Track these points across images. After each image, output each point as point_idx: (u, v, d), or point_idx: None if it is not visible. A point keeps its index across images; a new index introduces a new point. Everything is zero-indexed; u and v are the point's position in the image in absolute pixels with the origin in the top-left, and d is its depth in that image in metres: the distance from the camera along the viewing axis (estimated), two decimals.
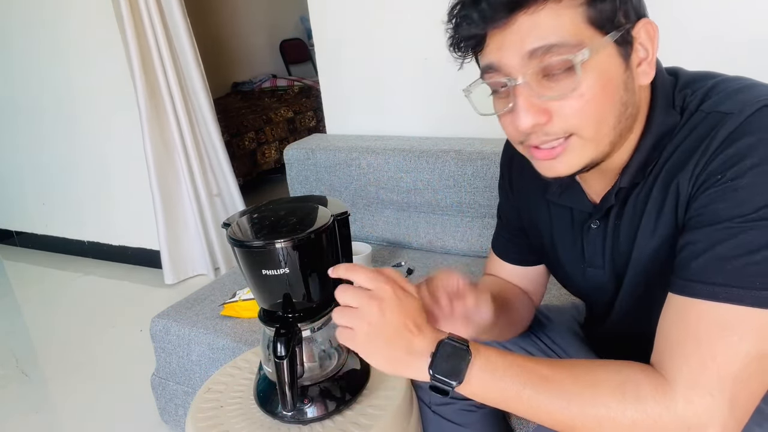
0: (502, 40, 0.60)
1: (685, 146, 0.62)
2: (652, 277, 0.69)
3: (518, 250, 0.93)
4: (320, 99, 2.04)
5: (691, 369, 0.56)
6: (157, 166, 2.43)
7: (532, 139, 0.64)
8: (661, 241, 0.66)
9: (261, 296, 0.86)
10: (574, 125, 0.61)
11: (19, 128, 2.97)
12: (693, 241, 0.59)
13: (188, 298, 1.60)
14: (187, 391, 1.53)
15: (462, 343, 0.62)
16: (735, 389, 0.55)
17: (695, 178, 0.60)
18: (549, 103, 0.60)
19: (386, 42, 1.81)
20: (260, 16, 4.88)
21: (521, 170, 0.86)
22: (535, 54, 0.58)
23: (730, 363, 0.54)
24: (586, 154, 0.63)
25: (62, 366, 2.11)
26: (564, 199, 0.78)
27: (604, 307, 0.81)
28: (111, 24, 2.35)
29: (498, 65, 0.61)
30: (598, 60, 0.59)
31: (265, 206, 0.92)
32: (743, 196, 0.55)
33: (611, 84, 0.60)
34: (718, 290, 0.56)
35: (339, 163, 1.78)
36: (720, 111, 0.60)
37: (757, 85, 0.62)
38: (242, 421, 0.89)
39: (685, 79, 0.67)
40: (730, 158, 0.57)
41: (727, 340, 0.55)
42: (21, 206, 3.22)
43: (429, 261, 1.65)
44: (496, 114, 0.66)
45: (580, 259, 0.80)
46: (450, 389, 0.62)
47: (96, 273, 2.88)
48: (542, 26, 0.58)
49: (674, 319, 0.59)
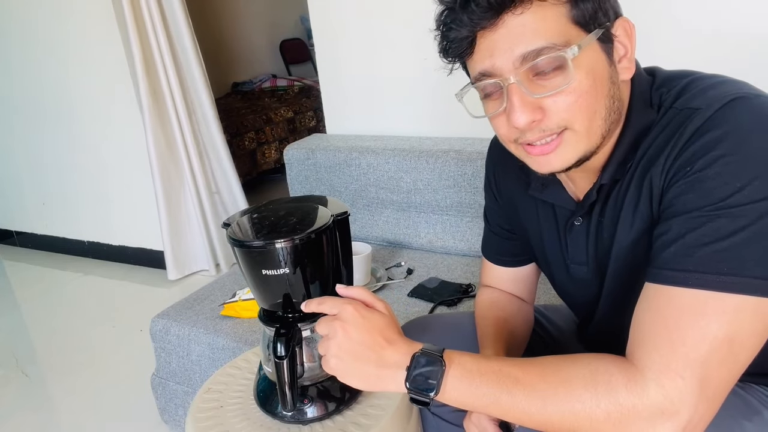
0: (492, 44, 0.62)
1: (658, 142, 0.64)
2: (632, 271, 0.70)
3: (508, 252, 0.95)
4: (320, 99, 2.04)
5: (661, 355, 0.56)
6: (160, 164, 2.44)
7: (528, 136, 0.65)
8: (639, 234, 0.67)
9: (261, 296, 0.86)
10: (568, 119, 0.63)
11: (19, 128, 2.97)
12: (665, 232, 0.60)
13: (188, 298, 1.60)
14: (187, 391, 1.53)
15: (436, 353, 0.64)
16: (705, 372, 0.55)
17: (666, 172, 0.62)
18: (543, 101, 0.62)
19: (386, 42, 1.81)
20: (260, 16, 4.88)
21: (505, 171, 0.88)
22: (527, 58, 0.61)
23: (699, 346, 0.55)
24: (579, 147, 0.65)
25: (62, 366, 2.11)
26: (546, 195, 0.80)
27: (590, 305, 0.82)
28: (111, 24, 2.35)
29: (490, 71, 0.63)
30: (586, 56, 0.61)
31: (265, 206, 0.92)
32: (711, 186, 0.57)
33: (600, 78, 0.63)
34: (688, 276, 0.57)
35: (339, 163, 1.78)
36: (691, 107, 0.62)
37: (727, 81, 0.63)
38: (242, 421, 0.89)
39: (662, 77, 0.69)
40: (698, 151, 0.58)
41: (696, 324, 0.56)
42: (21, 206, 3.22)
43: (429, 261, 1.65)
44: (487, 116, 0.68)
45: (563, 256, 0.81)
46: (428, 401, 0.63)
47: (96, 273, 2.89)
48: (529, 27, 0.60)
49: (646, 307, 0.60)
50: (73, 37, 2.56)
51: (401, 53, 1.79)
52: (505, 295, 0.96)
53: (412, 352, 0.65)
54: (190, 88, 2.45)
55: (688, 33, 1.40)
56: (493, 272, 0.98)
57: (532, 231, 0.86)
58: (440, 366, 0.63)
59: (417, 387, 0.63)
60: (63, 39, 2.59)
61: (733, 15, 1.35)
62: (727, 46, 1.37)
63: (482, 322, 0.92)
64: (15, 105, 2.93)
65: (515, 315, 0.93)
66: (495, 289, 0.98)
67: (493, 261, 0.97)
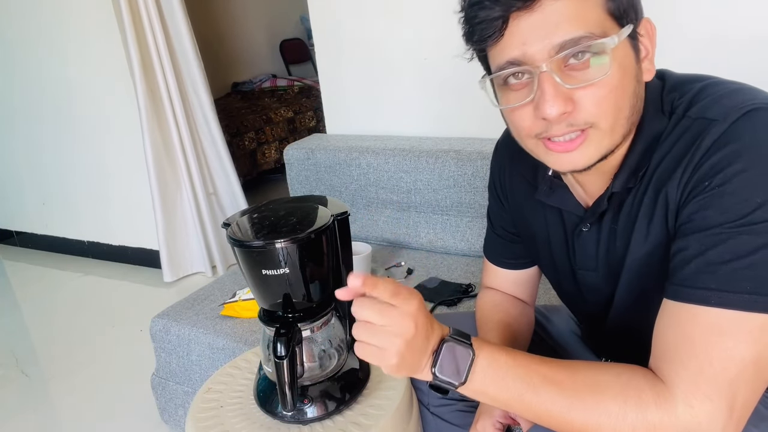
0: (526, 29, 0.58)
1: (673, 153, 0.62)
2: (646, 280, 0.69)
3: (512, 255, 0.94)
4: (320, 99, 2.04)
5: (689, 374, 0.56)
6: (157, 165, 2.43)
7: (554, 129, 0.61)
8: (653, 247, 0.67)
9: (261, 296, 0.86)
10: (596, 114, 0.60)
11: (19, 128, 2.97)
12: (684, 248, 0.59)
13: (188, 298, 1.60)
14: (187, 391, 1.53)
15: (465, 340, 0.62)
16: (733, 393, 0.55)
17: (683, 186, 0.60)
18: (575, 92, 0.59)
19: (386, 42, 1.81)
20: (260, 16, 4.87)
21: (512, 175, 0.86)
22: (564, 46, 0.57)
23: (727, 368, 0.55)
24: (603, 144, 0.62)
25: (62, 366, 2.11)
26: (554, 200, 0.78)
27: (600, 307, 0.81)
28: (111, 24, 2.35)
29: (521, 59, 0.59)
30: (619, 50, 0.59)
31: (265, 206, 0.92)
32: (730, 202, 0.56)
33: (629, 74, 0.61)
34: (710, 295, 0.56)
35: (339, 163, 1.78)
36: (706, 117, 0.60)
37: (742, 89, 0.62)
38: (242, 421, 0.89)
39: (672, 82, 0.67)
40: (716, 165, 0.57)
41: (722, 345, 0.55)
42: (21, 206, 3.22)
43: (429, 261, 1.65)
44: (508, 107, 0.64)
45: (571, 261, 0.80)
46: (452, 389, 0.62)
47: (96, 273, 2.88)
48: (568, 14, 0.57)
49: (669, 323, 0.60)
50: (73, 37, 2.56)
51: (401, 53, 1.79)
52: (508, 298, 0.96)
53: (440, 337, 0.62)
54: (189, 88, 2.45)
55: (687, 32, 1.40)
56: (495, 274, 0.97)
57: (539, 236, 0.84)
58: (470, 354, 0.61)
59: (444, 375, 0.61)
60: (63, 39, 2.59)
61: (732, 16, 1.35)
62: (728, 46, 1.37)
63: (484, 326, 0.91)
64: (15, 105, 2.93)
65: (517, 318, 0.92)
66: (497, 291, 0.97)
67: (496, 263, 0.96)
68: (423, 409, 0.96)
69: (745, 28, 1.34)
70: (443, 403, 0.94)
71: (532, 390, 0.60)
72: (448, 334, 0.62)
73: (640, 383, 0.58)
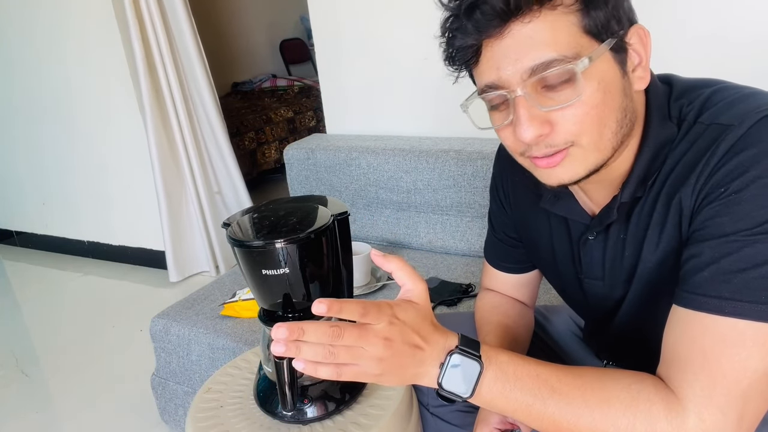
0: (498, 55, 0.59)
1: (686, 160, 0.61)
2: (657, 288, 0.69)
3: (513, 259, 0.93)
4: (320, 99, 2.04)
5: (702, 386, 0.55)
6: (162, 165, 2.43)
7: (534, 150, 0.62)
8: (665, 255, 0.66)
9: (261, 296, 0.86)
10: (576, 133, 0.60)
11: (19, 128, 2.98)
12: (698, 254, 0.58)
13: (188, 298, 1.60)
14: (187, 391, 1.53)
15: (473, 352, 0.60)
16: (744, 407, 0.54)
17: (698, 192, 0.59)
18: (551, 114, 0.59)
19: (386, 42, 1.81)
20: (260, 16, 4.88)
21: (515, 182, 0.86)
22: (536, 70, 0.58)
23: (740, 380, 0.54)
24: (589, 160, 0.62)
25: (62, 366, 2.11)
26: (558, 208, 0.77)
27: (605, 313, 0.80)
28: (111, 24, 2.35)
29: (497, 83, 0.60)
30: (597, 68, 0.58)
31: (265, 206, 0.92)
32: (747, 210, 0.55)
33: (611, 90, 0.60)
34: (724, 304, 0.55)
35: (339, 163, 1.78)
36: (720, 123, 0.59)
37: (755, 93, 0.61)
38: (242, 421, 0.89)
39: (680, 88, 0.66)
40: (732, 171, 0.56)
41: (735, 356, 0.54)
42: (21, 206, 3.22)
43: (429, 261, 1.65)
44: (494, 128, 0.65)
45: (576, 270, 0.79)
46: (459, 401, 0.61)
47: (96, 273, 2.89)
48: (538, 38, 0.57)
49: (680, 332, 0.59)
50: (73, 37, 2.56)
51: (401, 53, 1.79)
52: (507, 300, 0.95)
53: (448, 349, 0.60)
54: (191, 87, 2.45)
55: (688, 33, 1.40)
56: (495, 277, 0.96)
57: (543, 243, 0.83)
58: (478, 366, 0.59)
59: (450, 388, 0.59)
60: (63, 39, 2.59)
61: (732, 16, 1.35)
62: (728, 46, 1.37)
63: (483, 328, 0.90)
64: (15, 105, 2.93)
65: (518, 320, 0.92)
66: (496, 293, 0.96)
67: (497, 267, 0.95)
68: (423, 409, 0.96)
69: (745, 29, 1.34)
70: (443, 404, 0.93)
71: (541, 401, 0.59)
72: (456, 344, 0.60)
73: (651, 395, 0.57)
